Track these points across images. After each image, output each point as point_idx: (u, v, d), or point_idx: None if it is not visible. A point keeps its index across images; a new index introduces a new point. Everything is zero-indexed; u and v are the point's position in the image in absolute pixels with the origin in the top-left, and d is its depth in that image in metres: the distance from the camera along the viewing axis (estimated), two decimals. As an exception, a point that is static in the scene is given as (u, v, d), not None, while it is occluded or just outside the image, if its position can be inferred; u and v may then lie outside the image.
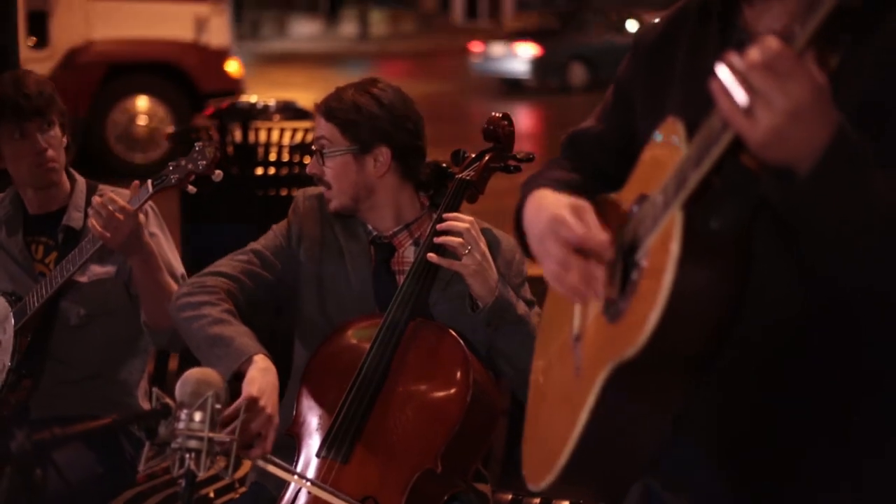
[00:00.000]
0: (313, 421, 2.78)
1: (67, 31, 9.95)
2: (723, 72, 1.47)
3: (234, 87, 10.59)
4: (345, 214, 2.97)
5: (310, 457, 2.72)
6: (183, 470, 2.14)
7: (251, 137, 5.10)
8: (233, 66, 10.58)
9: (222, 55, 10.59)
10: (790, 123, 1.45)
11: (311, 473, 2.67)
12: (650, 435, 1.73)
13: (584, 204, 1.81)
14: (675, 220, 1.60)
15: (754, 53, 1.45)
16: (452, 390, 2.67)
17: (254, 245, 2.98)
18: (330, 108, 2.94)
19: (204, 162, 2.98)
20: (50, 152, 3.13)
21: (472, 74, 22.86)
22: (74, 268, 3.04)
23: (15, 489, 1.85)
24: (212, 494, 3.25)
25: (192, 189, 3.01)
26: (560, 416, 1.82)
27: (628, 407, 1.71)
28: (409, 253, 2.95)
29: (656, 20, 2.02)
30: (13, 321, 3.11)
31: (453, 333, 2.73)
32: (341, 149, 2.91)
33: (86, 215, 3.17)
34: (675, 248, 1.58)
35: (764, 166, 1.52)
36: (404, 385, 2.72)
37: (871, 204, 1.53)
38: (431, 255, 2.75)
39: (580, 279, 1.75)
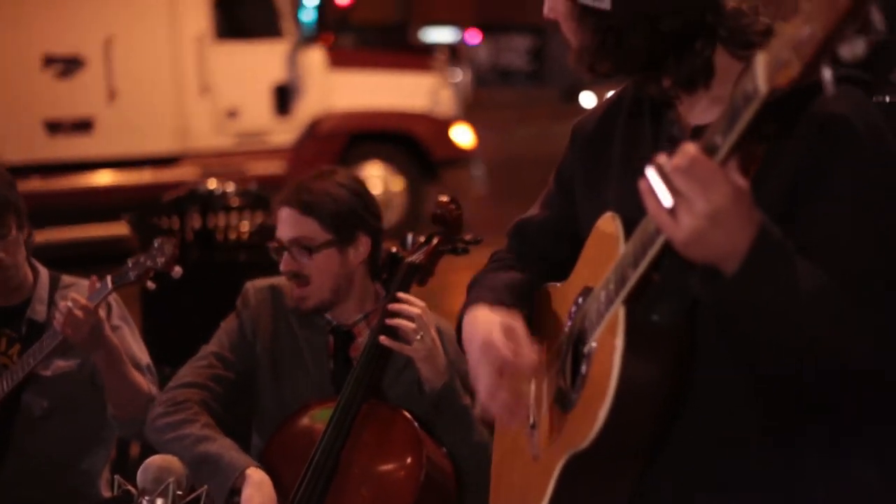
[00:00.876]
0: None
1: (310, 103, 10.32)
2: (650, 173, 1.56)
3: (464, 154, 11.07)
4: (313, 312, 2.98)
5: None
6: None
7: (210, 223, 5.19)
8: (463, 134, 10.95)
9: (452, 123, 10.95)
10: (710, 226, 1.52)
11: None
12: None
13: (514, 324, 1.92)
14: (618, 315, 1.69)
15: (677, 159, 1.53)
16: (406, 470, 2.73)
17: (210, 348, 3.03)
18: (305, 202, 2.91)
19: (163, 258, 3.03)
20: (4, 259, 3.13)
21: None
22: (36, 361, 3.10)
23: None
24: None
25: (151, 285, 3.08)
26: (521, 502, 1.92)
27: (584, 492, 1.80)
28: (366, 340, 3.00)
29: (592, 109, 2.11)
30: None
31: (406, 414, 2.80)
32: (324, 242, 2.93)
33: (49, 307, 3.21)
34: (619, 342, 1.68)
35: (693, 264, 1.61)
36: (359, 466, 2.78)
37: (795, 300, 1.60)
38: (383, 338, 2.82)
39: (509, 400, 1.88)
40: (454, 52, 15.21)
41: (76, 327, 2.96)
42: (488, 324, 1.93)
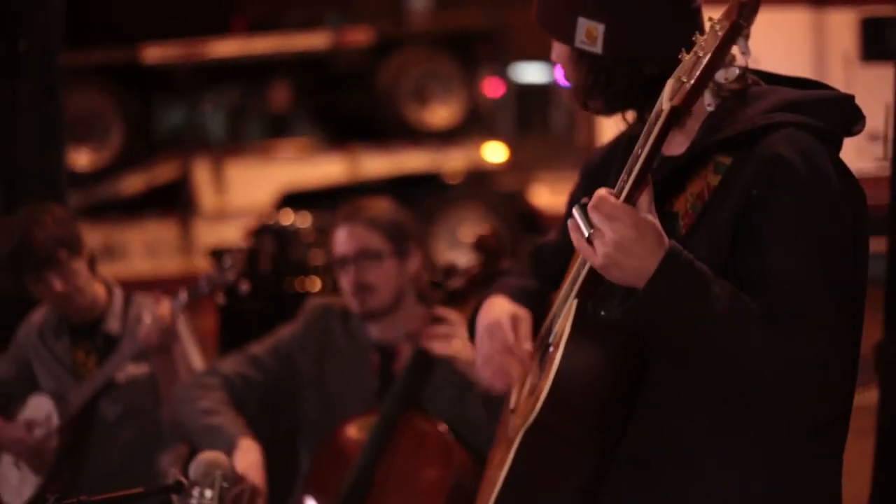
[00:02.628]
0: None
1: None
2: (574, 211, 1.87)
3: None
4: (377, 315, 3.24)
5: None
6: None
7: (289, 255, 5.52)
8: None
9: None
10: (618, 252, 1.82)
11: None
12: (560, 496, 2.03)
13: (523, 316, 2.26)
14: (571, 307, 1.96)
15: (591, 199, 1.84)
16: (436, 477, 2.97)
17: (253, 348, 3.32)
18: (368, 217, 3.23)
19: (233, 274, 3.35)
20: (63, 290, 3.45)
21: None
22: (115, 368, 3.42)
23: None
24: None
25: (221, 299, 3.39)
26: (494, 476, 2.14)
27: (537, 468, 2.02)
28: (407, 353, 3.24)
29: (602, 145, 2.39)
30: (56, 418, 3.48)
31: (441, 425, 3.04)
32: (388, 251, 3.23)
33: (123, 321, 3.55)
34: (566, 330, 1.94)
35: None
36: (396, 473, 3.02)
37: (702, 315, 1.83)
38: (427, 343, 3.06)
39: (502, 365, 2.23)
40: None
41: (159, 336, 3.27)
42: (502, 309, 2.28)
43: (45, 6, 4.81)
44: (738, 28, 1.75)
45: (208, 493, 2.50)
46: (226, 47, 10.75)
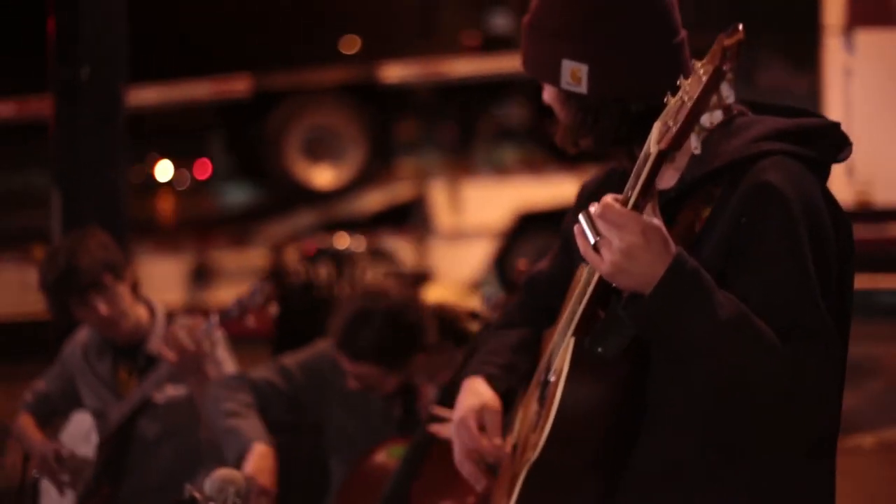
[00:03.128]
0: None
1: None
2: (581, 219, 1.88)
3: None
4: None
5: None
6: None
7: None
8: None
9: None
10: (626, 259, 1.83)
11: None
12: None
13: (493, 406, 2.30)
14: (568, 346, 1.99)
15: (597, 207, 1.86)
16: (464, 499, 3.02)
17: (285, 360, 3.45)
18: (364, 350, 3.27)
19: (262, 299, 3.46)
20: (107, 313, 3.57)
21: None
22: (150, 389, 3.54)
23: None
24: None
25: (252, 322, 3.49)
26: None
27: (543, 500, 2.07)
28: (431, 393, 3.35)
29: (597, 171, 2.41)
30: (96, 436, 3.61)
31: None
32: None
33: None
34: (565, 368, 1.97)
35: (624, 293, 1.91)
36: (428, 494, 3.09)
37: (707, 322, 1.85)
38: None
39: (472, 471, 2.31)
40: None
41: (180, 353, 3.38)
42: (472, 402, 2.32)
43: (108, 35, 4.98)
44: (720, 74, 1.77)
45: (220, 508, 2.59)
46: (462, 66, 10.73)
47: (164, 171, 10.85)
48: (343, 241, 6.22)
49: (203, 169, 11.29)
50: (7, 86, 9.63)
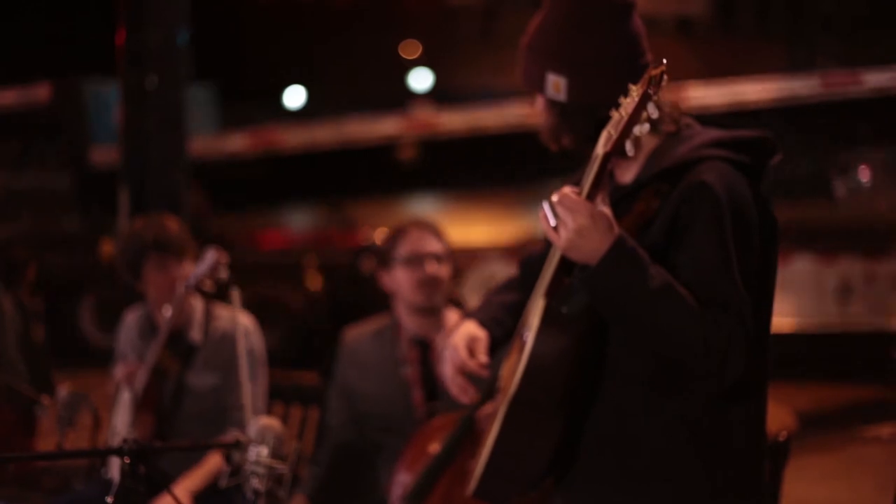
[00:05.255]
0: (398, 492, 3.60)
1: None
2: (545, 205, 2.35)
3: None
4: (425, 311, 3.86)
5: None
6: (252, 488, 3.04)
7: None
8: None
9: None
10: (577, 237, 2.29)
11: None
12: (538, 450, 2.52)
13: (479, 336, 2.74)
14: (539, 306, 2.45)
15: (556, 195, 2.33)
16: None
17: (332, 420, 3.98)
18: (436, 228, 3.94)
19: (211, 265, 3.80)
20: (179, 281, 3.95)
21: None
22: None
23: (125, 480, 2.75)
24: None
25: (208, 286, 3.87)
26: (485, 444, 2.64)
27: (519, 430, 2.50)
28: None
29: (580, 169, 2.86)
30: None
31: None
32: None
33: (205, 332, 4.11)
34: (536, 322, 2.43)
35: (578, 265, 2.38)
36: (467, 464, 3.48)
37: (641, 291, 2.31)
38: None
39: (462, 384, 2.75)
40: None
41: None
42: (460, 334, 2.77)
43: (172, 45, 5.49)
44: (647, 97, 2.24)
45: (264, 451, 3.05)
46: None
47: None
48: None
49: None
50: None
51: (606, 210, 2.33)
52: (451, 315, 3.91)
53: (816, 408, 8.29)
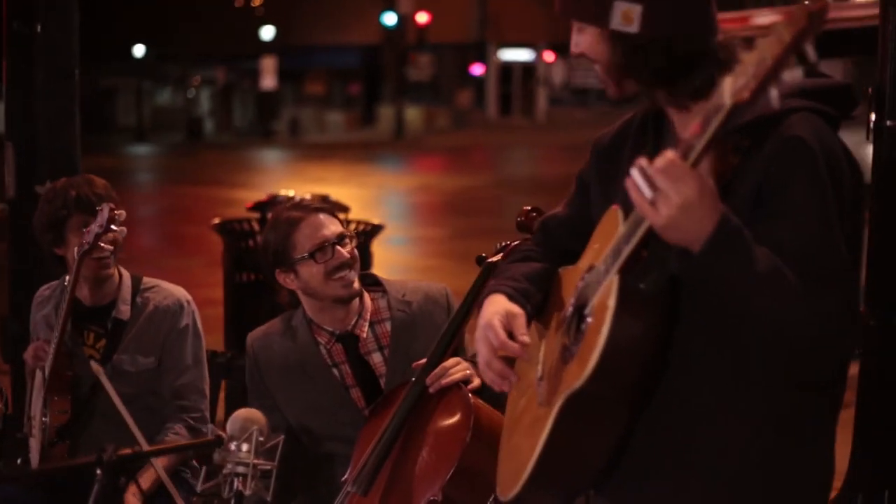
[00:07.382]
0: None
1: None
2: (635, 173, 2.01)
3: None
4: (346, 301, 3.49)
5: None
6: (232, 491, 2.69)
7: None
8: None
9: None
10: (681, 214, 1.97)
11: None
12: (596, 452, 2.25)
13: (517, 312, 2.41)
14: (612, 283, 2.12)
15: (658, 161, 1.98)
16: (454, 431, 3.11)
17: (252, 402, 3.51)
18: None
19: (103, 222, 3.41)
20: (112, 247, 3.58)
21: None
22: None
23: (103, 492, 2.39)
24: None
25: (107, 247, 3.53)
26: (527, 440, 2.32)
27: (577, 429, 2.21)
28: (369, 334, 3.51)
29: (610, 127, 2.55)
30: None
31: (462, 386, 3.18)
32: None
33: (132, 307, 3.70)
34: (612, 303, 2.11)
35: (672, 245, 2.05)
36: (420, 432, 3.21)
37: (748, 275, 2.03)
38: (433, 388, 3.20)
39: (500, 370, 2.40)
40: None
41: None
42: (496, 309, 2.42)
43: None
44: (803, 35, 1.84)
45: (245, 447, 2.69)
46: None
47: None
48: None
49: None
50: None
51: (712, 182, 2.03)
52: (368, 297, 3.56)
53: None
